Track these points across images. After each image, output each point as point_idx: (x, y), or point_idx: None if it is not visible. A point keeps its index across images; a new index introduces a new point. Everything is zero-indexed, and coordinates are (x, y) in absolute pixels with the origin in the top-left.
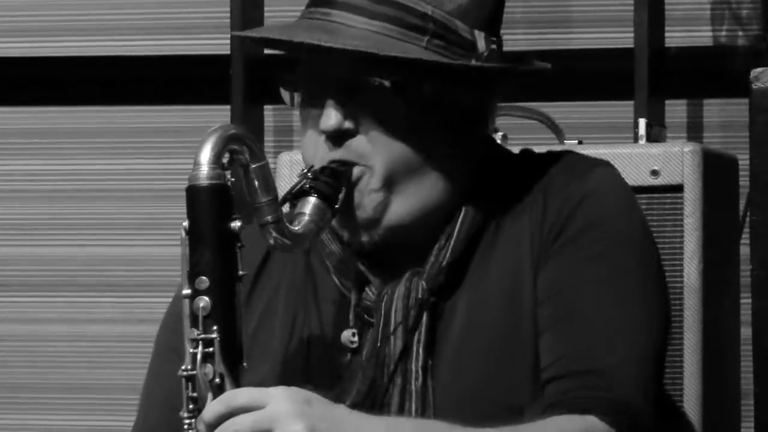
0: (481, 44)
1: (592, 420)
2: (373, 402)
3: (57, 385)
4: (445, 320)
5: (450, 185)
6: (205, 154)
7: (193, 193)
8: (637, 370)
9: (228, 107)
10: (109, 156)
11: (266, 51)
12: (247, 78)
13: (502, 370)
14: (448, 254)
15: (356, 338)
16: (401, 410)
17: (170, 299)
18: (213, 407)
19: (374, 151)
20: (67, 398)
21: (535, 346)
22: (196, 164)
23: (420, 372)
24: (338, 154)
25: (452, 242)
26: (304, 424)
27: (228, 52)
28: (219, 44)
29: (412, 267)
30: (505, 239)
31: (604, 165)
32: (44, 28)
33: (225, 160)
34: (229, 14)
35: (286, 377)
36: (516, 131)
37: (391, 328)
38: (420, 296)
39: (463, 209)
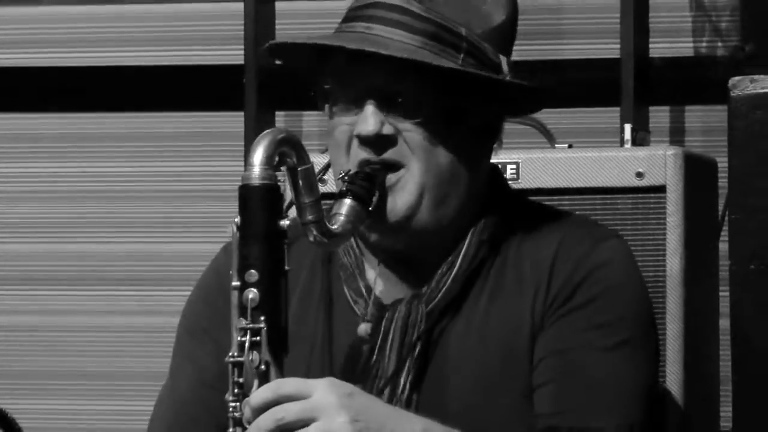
0: (504, 67)
1: None
2: None
3: (81, 373)
4: (439, 343)
5: (468, 202)
6: (258, 156)
7: (245, 192)
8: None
9: (242, 114)
10: (132, 159)
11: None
12: (260, 86)
13: (486, 398)
14: (449, 282)
15: (376, 334)
16: None
17: (188, 292)
18: (261, 393)
19: (413, 158)
20: (91, 385)
21: (522, 387)
22: (249, 165)
23: (408, 386)
24: (375, 158)
25: (453, 271)
26: (347, 416)
27: (242, 62)
28: (233, 55)
29: (417, 286)
30: (510, 284)
31: (615, 237)
32: (73, 40)
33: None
34: (243, 28)
35: (302, 369)
36: (510, 136)
37: (389, 343)
38: (419, 318)
39: (467, 240)
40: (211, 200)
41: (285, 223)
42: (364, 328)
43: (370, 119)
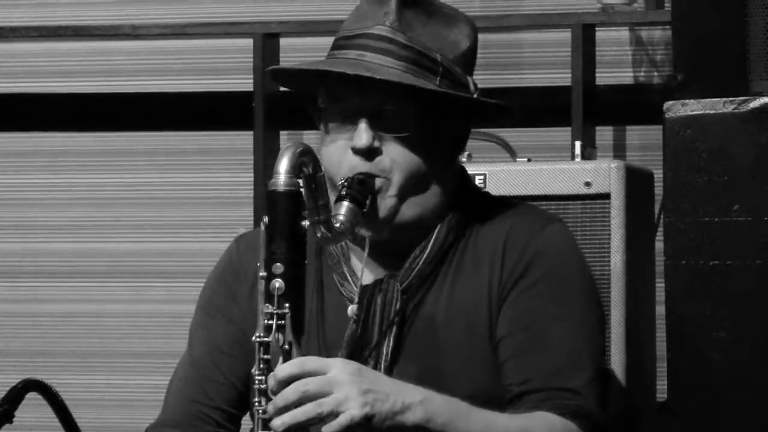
0: (471, 87)
1: (567, 421)
2: None
3: (117, 352)
4: (414, 317)
5: (442, 198)
6: (283, 165)
7: (272, 196)
8: (595, 387)
9: (251, 133)
10: (159, 171)
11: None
12: (267, 110)
13: (454, 363)
14: (420, 263)
15: (360, 312)
16: None
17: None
18: (287, 368)
19: (394, 167)
20: (124, 362)
21: (483, 351)
22: (276, 173)
23: (389, 355)
24: (366, 167)
25: (425, 255)
26: (358, 388)
27: (251, 89)
28: (244, 83)
29: (395, 269)
30: (470, 265)
31: (557, 221)
32: (112, 71)
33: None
34: (252, 60)
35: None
36: (478, 151)
37: (371, 318)
38: (394, 295)
39: (437, 229)
40: (226, 206)
41: (306, 223)
42: (351, 309)
43: (363, 134)
